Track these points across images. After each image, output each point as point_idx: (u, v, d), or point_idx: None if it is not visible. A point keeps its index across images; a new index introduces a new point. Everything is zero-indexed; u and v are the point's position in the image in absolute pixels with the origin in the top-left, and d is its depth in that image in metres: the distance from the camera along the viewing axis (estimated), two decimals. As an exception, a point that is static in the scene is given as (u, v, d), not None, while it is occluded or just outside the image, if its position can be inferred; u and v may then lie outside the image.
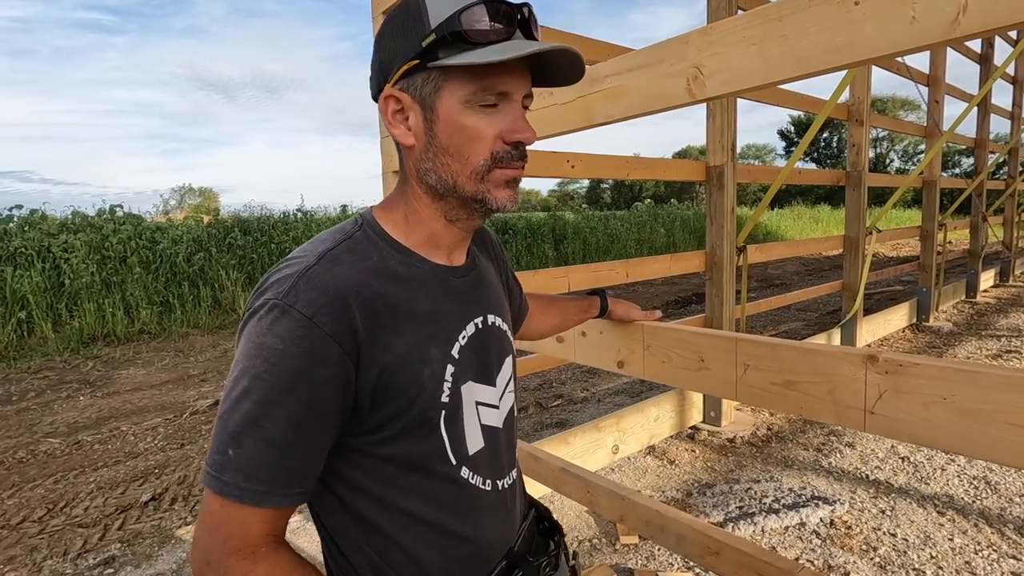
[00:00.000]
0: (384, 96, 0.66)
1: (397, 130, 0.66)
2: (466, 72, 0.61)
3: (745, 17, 0.88)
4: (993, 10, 0.64)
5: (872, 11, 0.74)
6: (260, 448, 0.55)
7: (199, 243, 8.43)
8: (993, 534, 2.17)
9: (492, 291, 0.78)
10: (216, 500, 0.56)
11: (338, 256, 0.62)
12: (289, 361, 0.55)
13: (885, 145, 38.86)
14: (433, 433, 0.66)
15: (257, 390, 0.55)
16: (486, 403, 0.72)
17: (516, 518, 0.78)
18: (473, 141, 0.63)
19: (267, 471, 0.56)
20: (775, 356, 0.91)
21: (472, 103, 0.62)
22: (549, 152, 2.44)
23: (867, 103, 4.36)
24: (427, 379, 0.64)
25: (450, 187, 0.65)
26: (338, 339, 0.57)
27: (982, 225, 7.00)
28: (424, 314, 0.65)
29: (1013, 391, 0.68)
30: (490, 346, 0.74)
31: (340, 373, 0.58)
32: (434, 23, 0.60)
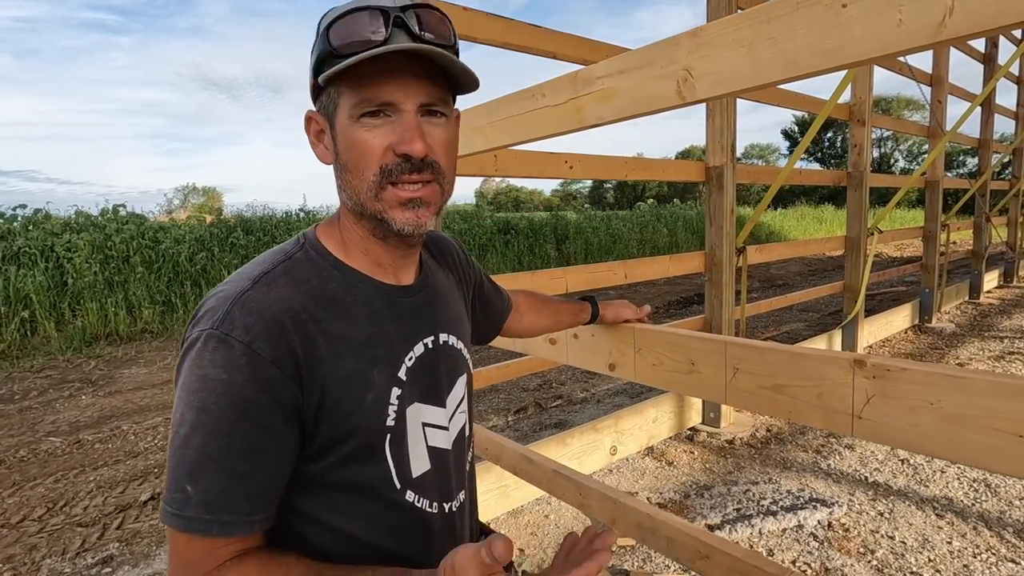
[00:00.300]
0: (306, 117, 0.66)
1: (318, 150, 0.66)
2: (349, 86, 0.60)
3: (734, 19, 0.88)
4: (979, 13, 0.64)
5: (859, 14, 0.74)
6: (219, 480, 0.54)
7: (201, 243, 8.46)
8: (992, 537, 2.16)
9: (446, 309, 0.76)
10: (182, 538, 0.55)
11: (275, 279, 0.61)
12: (234, 390, 0.54)
13: (890, 145, 38.70)
14: (378, 458, 0.64)
15: (206, 423, 0.54)
16: (434, 424, 0.70)
17: (465, 541, 0.77)
18: (362, 155, 0.61)
19: (230, 502, 0.55)
20: (764, 360, 0.91)
21: (355, 116, 0.61)
22: (547, 153, 2.44)
23: (869, 103, 4.34)
24: (370, 404, 0.63)
25: (358, 205, 0.64)
26: (279, 364, 0.56)
27: (986, 226, 6.96)
28: (365, 338, 0.64)
29: (999, 397, 0.67)
30: (440, 366, 0.72)
31: (286, 397, 0.57)
32: (318, 42, 0.61)
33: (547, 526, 2.36)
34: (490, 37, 2.27)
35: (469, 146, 1.53)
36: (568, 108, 1.19)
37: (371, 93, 0.60)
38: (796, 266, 11.84)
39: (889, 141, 38.09)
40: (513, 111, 1.34)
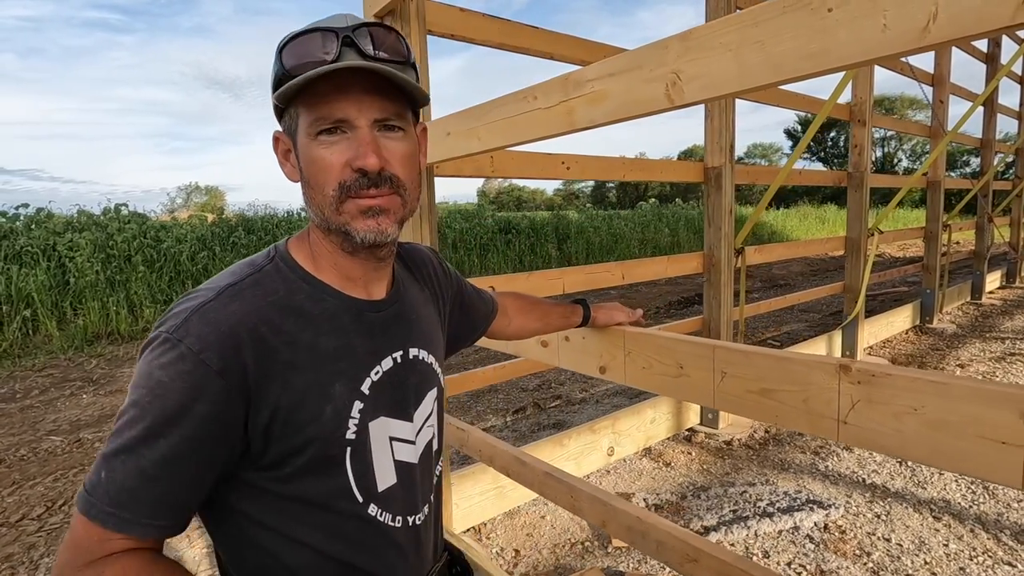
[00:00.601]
0: (273, 137, 0.68)
1: (286, 169, 0.68)
2: (305, 105, 0.62)
3: (722, 23, 0.88)
4: (962, 18, 0.64)
5: (845, 18, 0.73)
6: (132, 476, 0.55)
7: (203, 242, 8.49)
8: (989, 540, 2.15)
9: (418, 323, 0.76)
10: (81, 520, 0.56)
11: (240, 291, 0.62)
12: (173, 396, 0.55)
13: (893, 144, 38.57)
14: (337, 471, 0.65)
15: (140, 420, 0.55)
16: (401, 438, 0.71)
17: (428, 555, 0.77)
18: (322, 172, 0.63)
19: (134, 502, 0.55)
20: (751, 364, 0.91)
21: (312, 133, 0.62)
22: (544, 154, 2.44)
23: (869, 103, 4.33)
24: (329, 417, 0.63)
25: (323, 220, 0.65)
26: (225, 376, 0.57)
27: (988, 226, 6.93)
28: (330, 351, 0.64)
29: (982, 403, 0.67)
30: (408, 381, 0.72)
31: (226, 410, 0.57)
32: (274, 65, 0.63)
33: (543, 527, 2.36)
34: (487, 38, 2.27)
35: (464, 148, 1.53)
36: (559, 110, 1.19)
37: (325, 111, 0.61)
38: (798, 266, 11.81)
39: (893, 141, 37.97)
40: (506, 113, 1.34)
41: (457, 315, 0.93)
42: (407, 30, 1.88)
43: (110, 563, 0.55)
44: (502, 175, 2.39)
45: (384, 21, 1.92)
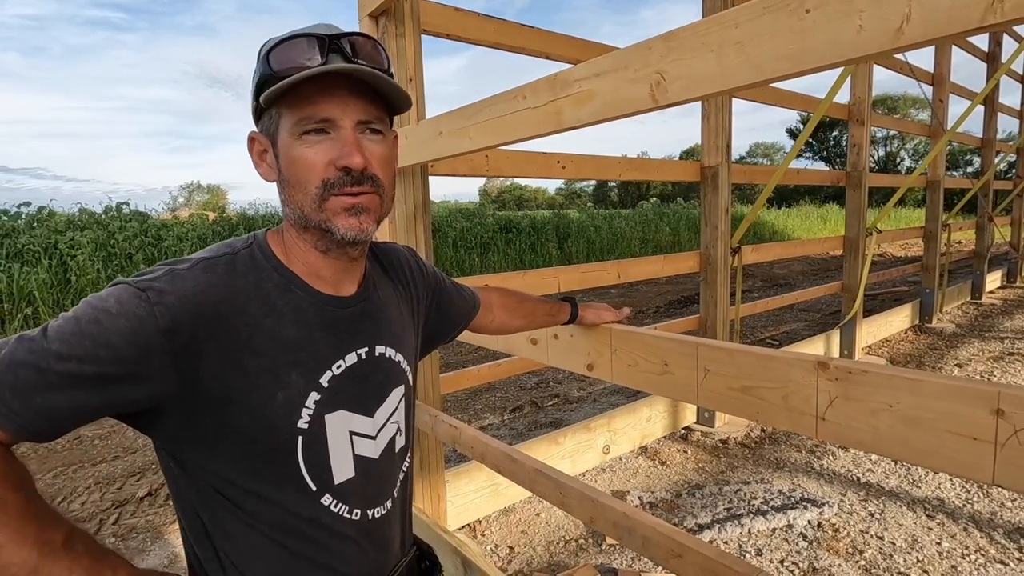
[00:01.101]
0: (248, 137, 0.70)
1: (261, 169, 0.70)
2: (289, 106, 0.64)
3: (704, 23, 0.88)
4: (934, 20, 0.64)
5: (822, 19, 0.74)
6: (30, 371, 0.53)
7: (204, 240, 8.51)
8: (982, 538, 2.16)
9: (387, 322, 0.77)
10: None
11: (213, 266, 0.63)
12: (110, 326, 0.55)
13: (896, 144, 38.47)
14: (288, 459, 0.66)
15: (70, 335, 0.54)
16: (361, 433, 0.72)
17: (391, 550, 0.78)
18: (305, 170, 0.65)
19: (16, 393, 0.53)
20: (733, 361, 0.92)
21: (296, 133, 0.64)
22: (539, 153, 2.45)
23: (868, 103, 4.33)
24: (280, 403, 0.64)
25: (301, 217, 0.67)
26: (168, 336, 0.57)
27: (988, 225, 6.92)
28: (290, 341, 0.66)
29: (954, 400, 0.68)
30: (372, 377, 0.73)
31: (153, 367, 0.57)
32: (258, 67, 0.64)
33: (538, 524, 2.37)
34: (481, 38, 2.28)
35: (455, 147, 1.54)
36: (548, 110, 1.19)
37: (311, 111, 0.63)
38: (799, 265, 11.80)
39: (895, 140, 37.86)
40: (496, 113, 1.35)
41: (435, 313, 0.94)
42: (401, 29, 1.89)
43: None
44: (497, 174, 2.40)
45: (378, 21, 1.94)
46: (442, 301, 0.96)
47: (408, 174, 1.97)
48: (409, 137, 1.71)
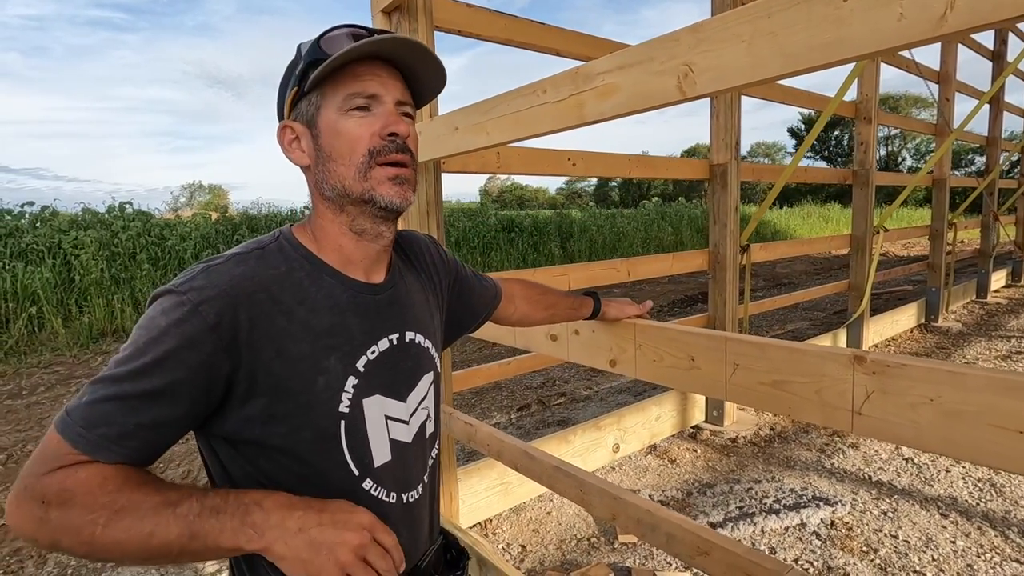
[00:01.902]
0: (280, 127, 0.72)
1: (294, 155, 0.72)
2: (334, 84, 0.68)
3: (734, 14, 0.87)
4: (979, 7, 0.63)
5: (859, 7, 0.73)
6: (110, 404, 0.57)
7: (207, 240, 8.51)
8: (996, 537, 2.15)
9: (413, 309, 0.80)
10: (55, 437, 0.57)
11: (245, 259, 0.66)
12: (167, 339, 0.58)
13: (897, 143, 38.43)
14: (333, 443, 0.67)
15: (133, 358, 0.58)
16: (395, 418, 0.74)
17: (423, 534, 0.80)
18: (351, 141, 0.68)
19: (107, 426, 0.56)
20: (764, 356, 0.91)
21: (344, 108, 0.68)
22: (551, 150, 2.44)
23: (875, 100, 4.31)
24: (321, 388, 0.66)
25: (341, 192, 0.69)
26: (217, 331, 0.60)
27: (993, 224, 6.91)
28: (325, 327, 0.68)
29: (998, 393, 0.67)
30: (403, 363, 0.76)
31: (212, 364, 0.60)
32: (308, 53, 0.69)
33: (549, 523, 2.36)
34: (493, 34, 2.27)
35: (471, 143, 1.53)
36: (569, 104, 1.18)
37: (359, 87, 0.68)
38: (802, 265, 11.78)
39: (897, 139, 37.82)
40: (514, 108, 1.34)
41: (456, 301, 0.95)
42: (415, 25, 1.89)
43: (80, 468, 0.56)
44: (508, 171, 2.39)
45: (391, 16, 1.93)
46: (463, 290, 0.97)
47: (421, 171, 1.96)
48: (423, 133, 1.70)
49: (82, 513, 0.54)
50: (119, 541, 0.54)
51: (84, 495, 0.54)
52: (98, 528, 0.53)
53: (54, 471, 0.55)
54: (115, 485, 0.56)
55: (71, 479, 0.55)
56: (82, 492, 0.54)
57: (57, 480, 0.55)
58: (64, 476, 0.55)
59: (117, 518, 0.54)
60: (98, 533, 0.53)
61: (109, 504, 0.54)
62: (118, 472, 0.57)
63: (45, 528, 0.54)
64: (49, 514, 0.54)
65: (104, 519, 0.54)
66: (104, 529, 0.54)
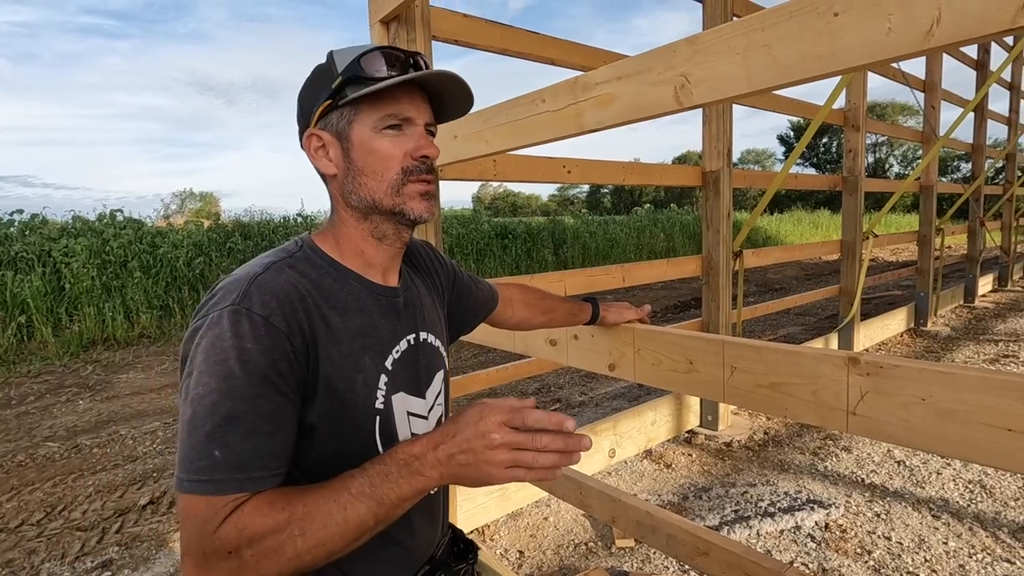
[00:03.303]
0: (307, 136, 0.74)
1: (321, 163, 0.75)
2: (371, 103, 0.72)
3: (730, 27, 0.90)
4: (964, 23, 0.66)
5: (850, 22, 0.76)
6: (248, 440, 0.58)
7: (199, 247, 8.46)
8: (988, 537, 2.18)
9: (424, 310, 0.84)
10: (202, 501, 0.57)
11: (282, 268, 0.68)
12: (257, 358, 0.60)
13: (885, 150, 38.94)
14: (369, 439, 0.71)
15: (232, 389, 0.58)
16: (416, 414, 0.78)
17: (438, 525, 0.84)
18: (384, 159, 0.73)
19: (259, 459, 0.59)
20: (761, 358, 0.93)
21: (379, 127, 0.72)
22: (546, 158, 2.46)
23: (863, 108, 4.39)
24: (360, 386, 0.70)
25: (371, 204, 0.74)
26: (291, 338, 0.63)
27: (980, 230, 7.02)
28: (357, 328, 0.71)
29: (988, 392, 0.69)
30: (421, 361, 0.80)
31: (297, 367, 0.63)
32: (340, 69, 0.71)
33: (546, 528, 2.37)
34: (489, 43, 2.30)
35: (471, 151, 1.55)
36: (568, 113, 1.21)
37: (395, 109, 0.73)
38: (793, 270, 11.89)
39: (884, 146, 38.33)
40: (513, 116, 1.36)
41: (455, 303, 0.99)
42: (412, 35, 1.91)
43: (242, 507, 0.58)
44: (504, 179, 2.41)
45: (389, 26, 1.95)
46: (461, 292, 1.01)
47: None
48: (422, 141, 1.71)
49: (274, 537, 0.56)
50: (322, 540, 0.56)
51: (264, 522, 0.56)
52: (297, 539, 0.56)
53: (219, 527, 0.56)
54: (282, 500, 0.58)
55: (242, 519, 0.56)
56: (260, 522, 0.56)
57: (229, 529, 0.56)
58: (233, 522, 0.56)
59: (308, 522, 0.56)
60: (300, 543, 0.56)
61: (291, 516, 0.56)
62: (274, 491, 0.60)
63: (246, 571, 0.56)
64: (243, 556, 0.55)
65: (298, 529, 0.56)
66: (303, 537, 0.56)
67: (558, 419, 0.60)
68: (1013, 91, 7.87)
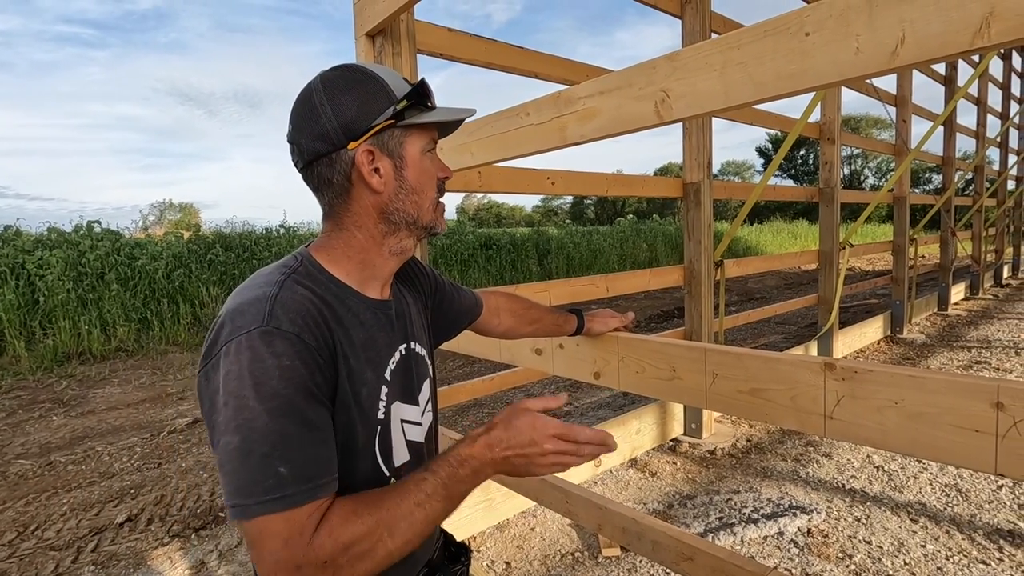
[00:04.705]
0: (362, 150, 0.73)
1: (372, 179, 0.74)
2: (420, 128, 0.77)
3: (707, 45, 0.94)
4: (927, 44, 0.70)
5: (821, 42, 0.80)
6: (308, 451, 0.61)
7: (179, 259, 8.33)
8: (964, 540, 2.23)
9: (413, 321, 0.87)
10: (279, 519, 0.57)
11: (294, 284, 0.69)
12: (297, 374, 0.62)
13: (860, 162, 39.94)
14: (370, 450, 0.73)
15: (281, 407, 0.59)
16: (410, 420, 0.81)
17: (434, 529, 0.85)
18: (429, 179, 0.79)
19: (323, 465, 0.62)
20: (741, 365, 0.96)
21: (425, 151, 0.78)
22: (530, 169, 2.49)
23: (838, 122, 4.52)
24: (365, 398, 0.72)
25: (412, 219, 0.78)
26: (319, 352, 0.65)
27: (951, 240, 7.22)
28: (361, 342, 0.73)
29: (956, 395, 0.72)
30: (412, 370, 0.83)
31: (329, 379, 0.66)
32: (399, 93, 0.74)
33: (533, 538, 2.36)
34: (473, 57, 2.33)
35: (456, 162, 1.57)
36: (552, 126, 1.23)
37: (434, 135, 0.80)
38: (773, 280, 12.09)
39: (859, 159, 39.31)
40: (498, 129, 1.39)
41: (437, 311, 1.01)
42: (398, 48, 1.93)
43: (326, 517, 0.60)
44: (489, 190, 2.43)
45: (375, 40, 1.97)
46: (443, 300, 1.03)
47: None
48: (407, 153, 1.73)
49: (367, 540, 0.60)
50: (408, 538, 0.62)
51: (355, 528, 0.60)
52: (387, 540, 0.61)
53: (310, 540, 0.58)
54: (365, 506, 0.62)
55: (334, 528, 0.59)
56: (351, 528, 0.60)
57: (323, 539, 0.58)
58: (327, 531, 0.59)
59: (394, 523, 0.61)
60: (390, 544, 0.61)
61: (378, 520, 0.61)
62: (353, 498, 0.63)
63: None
64: (338, 563, 0.58)
65: (386, 531, 0.61)
66: (392, 537, 0.61)
67: (602, 437, 0.69)
68: (980, 106, 8.16)
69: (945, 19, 0.68)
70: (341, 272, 0.76)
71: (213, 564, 2.29)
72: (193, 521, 2.69)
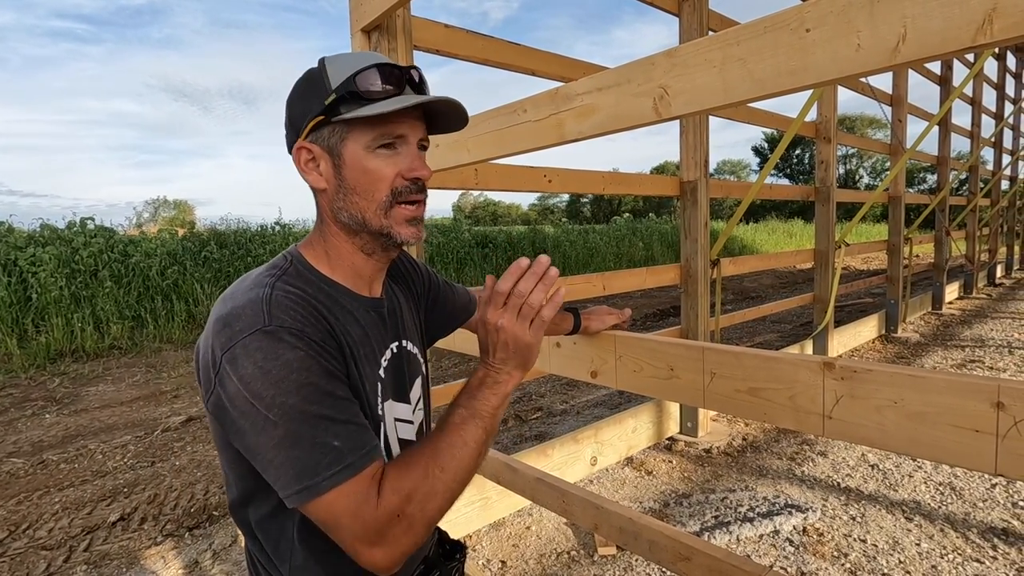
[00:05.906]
0: (296, 148, 0.73)
1: (311, 176, 0.74)
2: (365, 122, 0.70)
3: (706, 41, 0.93)
4: (928, 41, 0.69)
5: (821, 38, 0.79)
6: (349, 424, 0.63)
7: (173, 256, 8.29)
8: (958, 538, 2.24)
9: (405, 319, 0.86)
10: (346, 490, 0.60)
11: (286, 281, 0.69)
12: (314, 361, 0.63)
13: (855, 162, 40.10)
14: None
15: (312, 393, 0.61)
16: (402, 419, 0.81)
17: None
18: (376, 180, 0.72)
19: (367, 431, 0.65)
20: (739, 364, 0.95)
21: (372, 147, 0.71)
22: (527, 167, 2.48)
23: (834, 121, 4.52)
24: (368, 394, 0.73)
25: (360, 223, 0.73)
26: (326, 343, 0.66)
27: (946, 239, 7.26)
28: (357, 338, 0.73)
29: (956, 395, 0.72)
30: (404, 368, 0.82)
31: (340, 365, 0.67)
32: (334, 85, 0.69)
33: (528, 537, 2.36)
34: (470, 54, 2.32)
35: (453, 159, 1.56)
36: (549, 123, 1.22)
37: (389, 129, 0.71)
38: (768, 279, 12.12)
39: (854, 158, 39.48)
40: (495, 126, 1.38)
41: (431, 309, 1.00)
42: (394, 45, 1.91)
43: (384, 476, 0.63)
44: (486, 187, 2.42)
45: (371, 36, 1.95)
46: (437, 298, 1.02)
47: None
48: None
49: (425, 482, 0.63)
50: (459, 467, 0.65)
51: (410, 476, 0.63)
52: (441, 476, 0.64)
53: (377, 502, 0.61)
54: (410, 456, 0.65)
55: (394, 483, 0.62)
56: (407, 477, 0.63)
57: (388, 496, 0.61)
58: (390, 488, 0.62)
59: (442, 458, 0.65)
60: (447, 479, 0.64)
61: (428, 462, 0.64)
62: (397, 457, 0.67)
63: (414, 523, 0.62)
64: (408, 511, 0.62)
65: (438, 468, 0.64)
66: (444, 472, 0.64)
67: (537, 267, 0.69)
68: (975, 106, 8.19)
69: (947, 15, 0.67)
70: (330, 270, 0.75)
71: (207, 563, 2.28)
72: (187, 520, 2.67)
